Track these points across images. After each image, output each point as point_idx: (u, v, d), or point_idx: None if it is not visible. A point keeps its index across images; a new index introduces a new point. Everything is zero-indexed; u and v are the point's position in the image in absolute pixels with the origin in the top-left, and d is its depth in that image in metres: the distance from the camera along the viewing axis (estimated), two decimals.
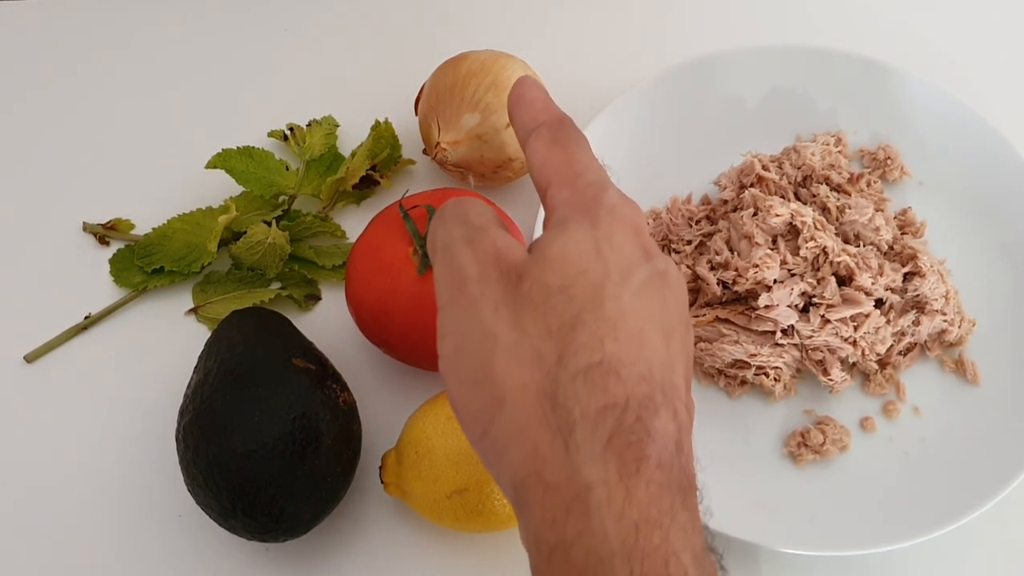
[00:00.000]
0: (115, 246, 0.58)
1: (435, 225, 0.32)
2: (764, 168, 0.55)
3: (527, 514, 0.28)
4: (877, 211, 0.54)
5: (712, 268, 0.53)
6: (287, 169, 0.59)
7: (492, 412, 0.28)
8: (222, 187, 0.58)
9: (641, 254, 0.30)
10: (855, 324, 0.51)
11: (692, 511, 0.28)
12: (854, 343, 0.51)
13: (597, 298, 0.29)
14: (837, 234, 0.53)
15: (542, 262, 0.29)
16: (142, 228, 0.57)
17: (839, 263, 0.51)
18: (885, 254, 0.54)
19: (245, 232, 0.54)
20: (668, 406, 0.28)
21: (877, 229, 0.53)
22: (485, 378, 0.29)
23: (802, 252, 0.51)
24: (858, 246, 0.53)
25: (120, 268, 0.56)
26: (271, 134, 0.61)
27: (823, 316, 0.51)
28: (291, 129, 0.60)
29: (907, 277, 0.53)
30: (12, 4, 0.66)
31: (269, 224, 0.54)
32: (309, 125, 0.60)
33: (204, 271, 0.56)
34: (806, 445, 0.51)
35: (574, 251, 0.29)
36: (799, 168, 0.56)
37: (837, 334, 0.51)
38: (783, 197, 0.55)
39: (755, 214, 0.53)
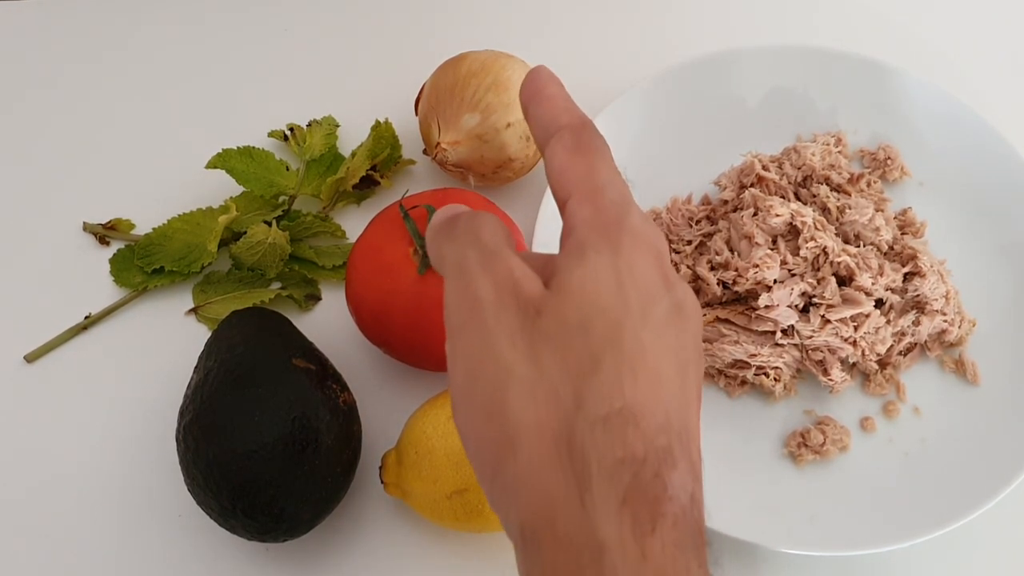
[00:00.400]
0: (115, 246, 0.58)
1: (443, 238, 0.31)
2: (764, 168, 0.55)
3: (532, 559, 0.27)
4: (877, 211, 0.54)
5: (712, 268, 0.53)
6: (287, 169, 0.59)
7: (504, 449, 0.27)
8: (222, 187, 0.58)
9: (661, 283, 0.29)
10: (855, 324, 0.51)
11: (704, 565, 0.27)
12: (854, 343, 0.51)
13: (617, 337, 0.27)
14: (837, 234, 0.53)
15: (561, 296, 0.28)
16: (142, 228, 0.57)
17: (839, 263, 0.51)
18: (885, 254, 0.54)
19: (245, 232, 0.54)
20: (685, 457, 0.27)
21: (877, 229, 0.53)
22: (499, 412, 0.27)
23: (802, 252, 0.51)
24: (858, 246, 0.53)
25: (120, 268, 0.56)
26: (271, 134, 0.61)
27: (823, 316, 0.51)
28: (291, 129, 0.60)
29: (907, 277, 0.53)
30: (12, 4, 0.66)
31: (269, 224, 0.54)
32: (309, 125, 0.60)
33: (204, 271, 0.56)
34: (806, 445, 0.51)
35: (593, 284, 0.28)
36: (799, 168, 0.56)
37: (837, 334, 0.51)
38: (783, 197, 0.55)
39: (755, 214, 0.53)
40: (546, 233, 0.53)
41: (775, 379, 0.52)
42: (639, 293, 0.28)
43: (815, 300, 0.51)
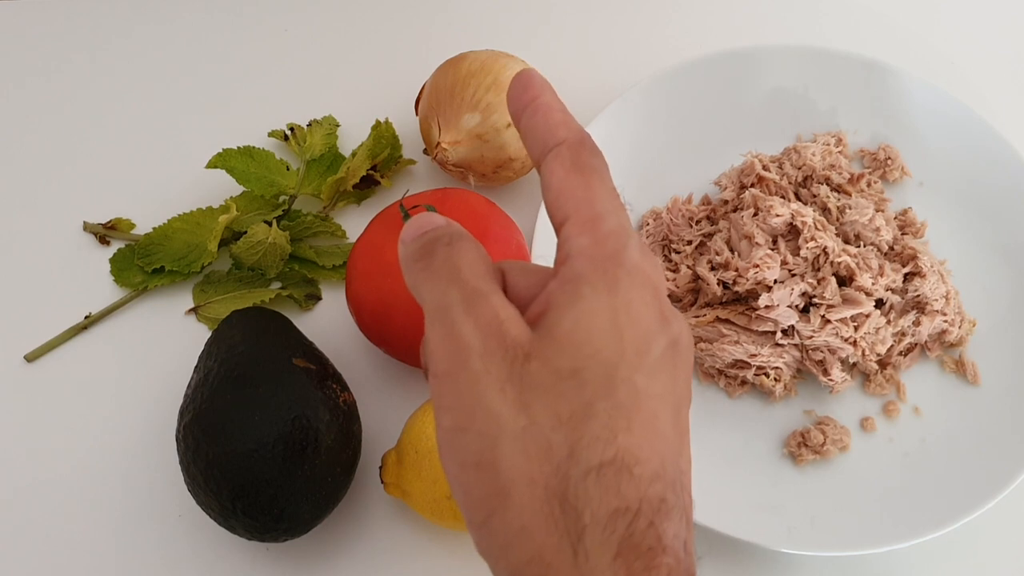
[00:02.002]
0: (115, 246, 0.58)
1: (419, 273, 0.29)
2: (764, 168, 0.55)
3: None
4: (877, 211, 0.54)
5: (712, 268, 0.53)
6: (287, 169, 0.59)
7: (494, 503, 0.27)
8: (222, 187, 0.58)
9: (658, 321, 0.28)
10: (855, 324, 0.51)
11: None
12: (854, 343, 0.51)
13: (610, 382, 0.27)
14: (837, 234, 0.53)
15: (551, 342, 0.27)
16: (142, 228, 0.57)
17: (839, 263, 0.51)
18: (885, 254, 0.54)
19: (245, 232, 0.54)
20: (679, 505, 0.27)
21: (877, 229, 0.53)
22: (489, 464, 0.27)
23: (802, 252, 0.51)
24: (858, 246, 0.53)
25: (120, 268, 0.56)
26: (271, 134, 0.61)
27: (823, 316, 0.51)
28: (291, 129, 0.60)
29: (907, 277, 0.53)
30: (11, 4, 0.66)
31: (269, 224, 0.54)
32: (309, 125, 0.60)
33: (204, 271, 0.56)
34: (806, 445, 0.51)
35: (586, 328, 0.27)
36: (799, 168, 0.56)
37: (837, 334, 0.51)
38: (783, 197, 0.55)
39: (755, 214, 0.53)
40: (546, 233, 0.53)
41: (775, 379, 0.52)
42: (635, 334, 0.27)
43: (815, 300, 0.51)
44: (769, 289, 0.51)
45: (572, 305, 0.27)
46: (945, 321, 0.53)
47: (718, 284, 0.52)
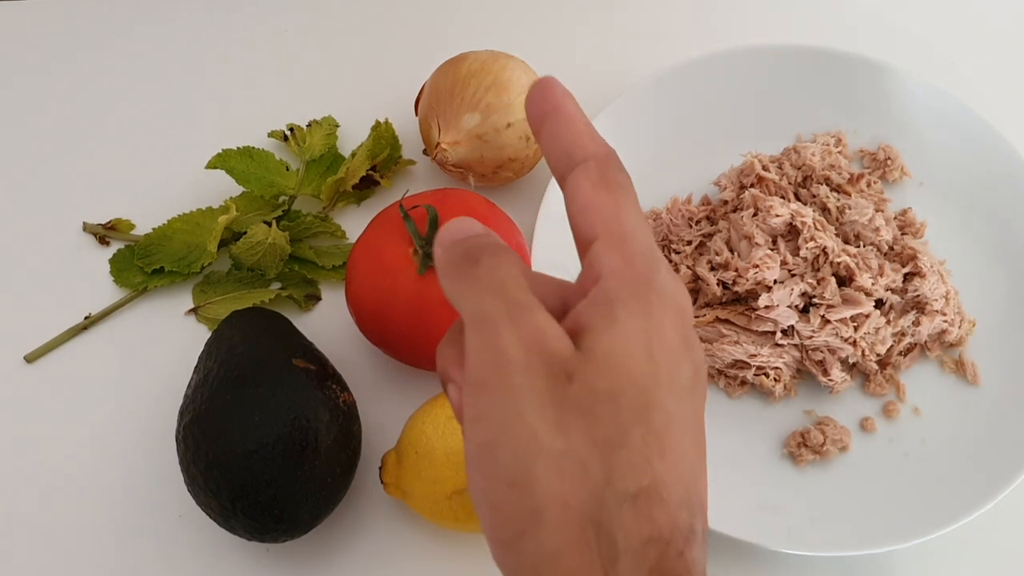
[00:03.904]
0: (115, 246, 0.58)
1: (462, 281, 0.28)
2: (764, 168, 0.55)
3: None
4: (877, 211, 0.54)
5: (712, 268, 0.53)
6: (287, 169, 0.59)
7: (526, 523, 0.26)
8: (222, 187, 0.58)
9: (683, 347, 0.28)
10: (855, 324, 0.51)
11: None
12: (854, 343, 0.51)
13: (646, 408, 0.27)
14: (837, 234, 0.53)
15: (591, 361, 0.27)
16: (142, 228, 0.57)
17: (839, 263, 0.51)
18: (885, 254, 0.54)
19: (245, 232, 0.54)
20: (702, 531, 0.27)
21: (877, 229, 0.53)
22: (523, 482, 0.26)
23: (802, 252, 0.51)
24: (858, 246, 0.53)
25: (120, 268, 0.56)
26: (271, 134, 0.61)
27: (823, 316, 0.51)
28: (291, 129, 0.60)
29: (907, 277, 0.53)
30: (11, 4, 0.67)
31: (269, 224, 0.54)
32: (309, 125, 0.60)
33: (204, 271, 0.56)
34: (806, 445, 0.51)
35: (624, 350, 0.27)
36: (799, 168, 0.56)
37: (837, 334, 0.51)
38: (783, 197, 0.55)
39: (755, 214, 0.53)
40: (546, 234, 0.53)
41: (775, 379, 0.52)
42: (666, 360, 0.27)
43: (815, 300, 0.51)
44: (769, 289, 0.51)
45: (609, 326, 0.27)
46: (945, 321, 0.53)
47: (718, 284, 0.52)
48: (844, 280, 0.52)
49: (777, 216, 0.51)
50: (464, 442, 0.28)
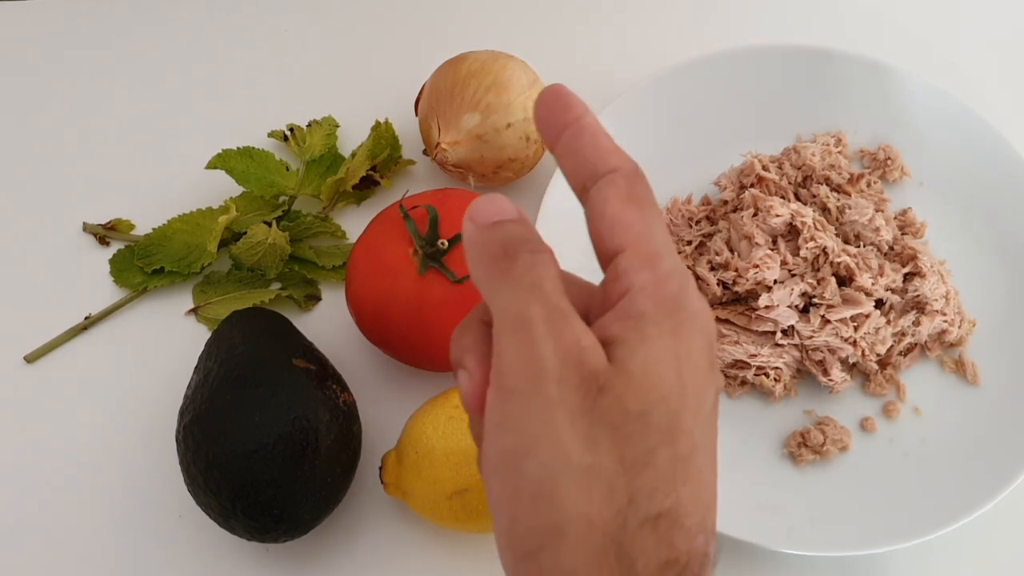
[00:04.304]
0: (115, 246, 0.58)
1: (498, 276, 0.28)
2: (764, 168, 0.55)
3: None
4: (877, 211, 0.54)
5: (712, 268, 0.53)
6: (287, 169, 0.59)
7: (546, 538, 0.26)
8: (222, 187, 0.58)
9: (710, 372, 0.28)
10: (855, 324, 0.51)
11: None
12: (854, 343, 0.51)
13: (673, 431, 0.27)
14: (837, 234, 0.53)
15: (624, 378, 0.26)
16: (142, 228, 0.57)
17: (839, 263, 0.51)
18: (885, 254, 0.54)
19: (245, 232, 0.54)
20: (713, 554, 0.27)
21: (877, 229, 0.53)
22: (547, 496, 0.26)
23: (802, 252, 0.51)
24: (858, 246, 0.53)
25: (120, 268, 0.56)
26: (271, 134, 0.61)
27: (823, 316, 0.51)
28: (291, 129, 0.60)
29: (907, 277, 0.53)
30: (11, 4, 0.67)
31: (269, 224, 0.54)
32: (309, 125, 0.60)
33: (204, 271, 0.56)
34: (806, 445, 0.51)
35: (656, 369, 0.27)
36: (799, 168, 0.56)
37: (837, 334, 0.51)
38: (783, 197, 0.55)
39: (755, 214, 0.53)
40: (546, 233, 0.53)
41: (775, 379, 0.52)
42: (695, 384, 0.27)
43: (815, 300, 0.51)
44: (769, 289, 0.51)
45: (642, 344, 0.27)
46: (945, 321, 0.53)
47: (718, 284, 0.52)
48: (844, 280, 0.52)
49: (777, 216, 0.51)
50: (484, 444, 0.27)
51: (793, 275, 0.51)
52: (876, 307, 0.52)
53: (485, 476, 0.28)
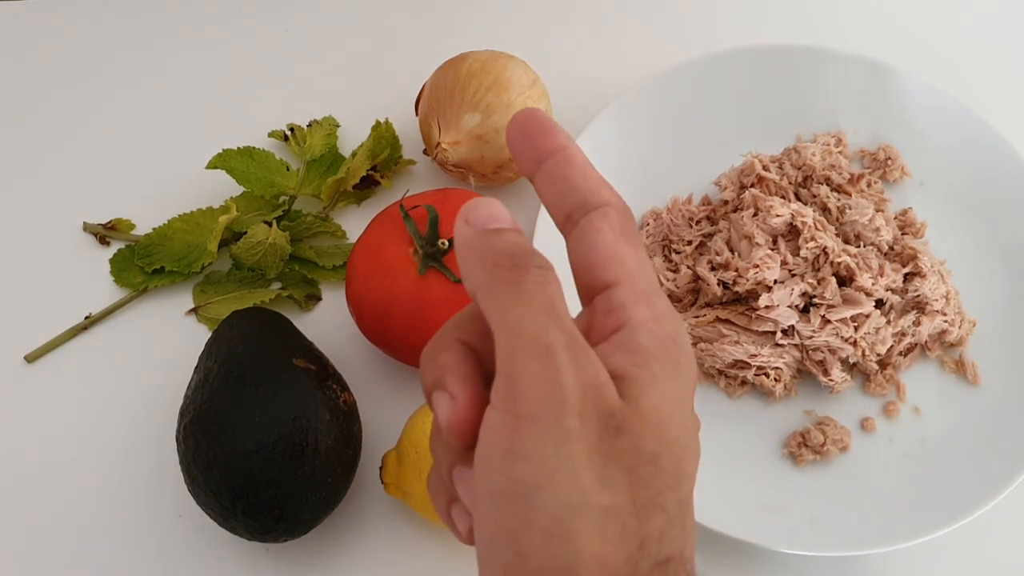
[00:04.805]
0: (115, 246, 0.58)
1: (509, 291, 0.27)
2: (764, 168, 0.55)
3: None
4: (877, 211, 0.54)
5: (712, 268, 0.53)
6: (288, 169, 0.59)
7: (558, 574, 0.25)
8: (222, 187, 0.58)
9: (695, 416, 0.28)
10: (855, 324, 0.51)
11: None
12: (854, 343, 0.51)
13: (678, 474, 0.27)
14: (837, 234, 0.53)
15: (639, 418, 0.26)
16: (142, 228, 0.57)
17: (839, 263, 0.51)
18: (885, 254, 0.54)
19: (245, 232, 0.54)
20: None
21: (877, 229, 0.53)
22: (562, 534, 0.25)
23: (802, 252, 0.51)
24: (858, 246, 0.53)
25: (120, 268, 0.56)
26: (271, 134, 0.61)
27: (823, 316, 0.51)
28: (291, 129, 0.60)
29: (907, 277, 0.53)
30: (12, 5, 0.66)
31: (269, 224, 0.54)
32: (309, 125, 0.60)
33: (204, 271, 0.56)
34: (806, 445, 0.51)
35: (666, 412, 0.27)
36: (799, 168, 0.56)
37: (837, 334, 0.51)
38: (783, 197, 0.55)
39: (755, 214, 0.53)
40: (546, 235, 0.53)
41: (775, 379, 0.52)
42: (692, 425, 0.28)
43: (815, 300, 0.51)
44: (769, 289, 0.51)
45: (652, 384, 0.27)
46: (945, 321, 0.53)
47: (718, 284, 0.52)
48: (844, 280, 0.52)
49: (777, 216, 0.51)
50: (484, 470, 0.26)
51: (793, 275, 0.51)
52: (876, 307, 0.52)
53: (480, 503, 0.26)
